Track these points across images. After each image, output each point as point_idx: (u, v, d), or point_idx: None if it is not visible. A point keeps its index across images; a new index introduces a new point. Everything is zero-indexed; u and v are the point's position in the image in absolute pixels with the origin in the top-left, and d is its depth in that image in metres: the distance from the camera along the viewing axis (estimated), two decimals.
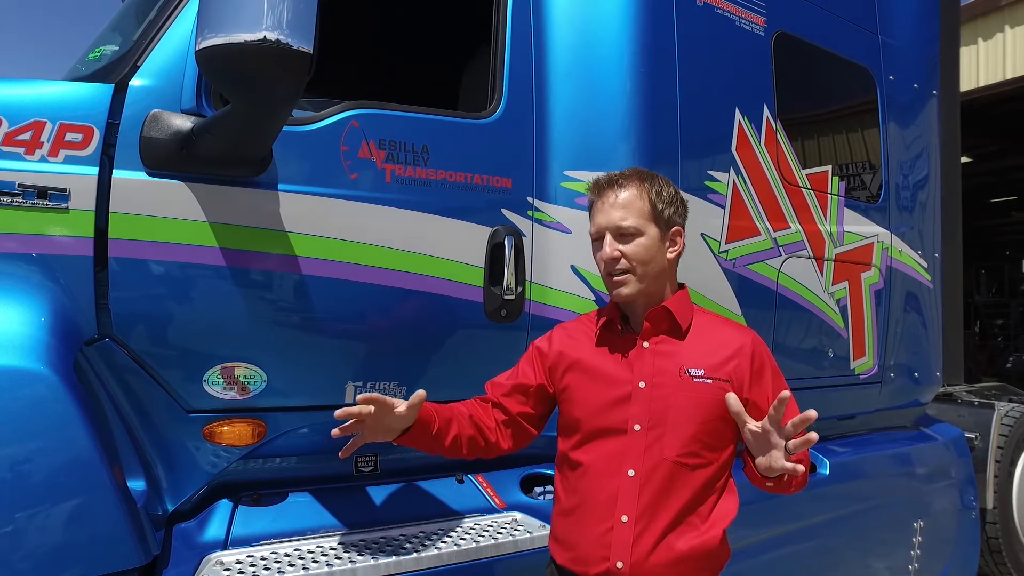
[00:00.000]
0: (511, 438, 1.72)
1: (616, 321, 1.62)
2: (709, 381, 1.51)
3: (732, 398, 1.41)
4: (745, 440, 1.45)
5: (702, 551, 1.48)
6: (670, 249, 1.58)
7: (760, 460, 1.39)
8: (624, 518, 1.49)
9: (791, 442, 1.33)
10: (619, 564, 1.47)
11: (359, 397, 1.49)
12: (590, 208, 1.64)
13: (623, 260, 1.53)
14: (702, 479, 1.51)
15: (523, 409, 1.70)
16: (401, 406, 1.50)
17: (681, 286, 1.67)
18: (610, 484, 1.52)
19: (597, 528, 1.51)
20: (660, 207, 1.55)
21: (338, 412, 1.47)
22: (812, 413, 1.30)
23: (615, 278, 1.55)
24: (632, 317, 1.61)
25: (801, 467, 1.34)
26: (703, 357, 1.54)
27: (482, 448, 1.69)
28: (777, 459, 1.35)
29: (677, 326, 1.57)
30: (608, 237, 1.55)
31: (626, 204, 1.54)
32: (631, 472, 1.50)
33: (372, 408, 1.46)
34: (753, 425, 1.38)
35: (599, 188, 1.59)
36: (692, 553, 1.47)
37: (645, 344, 1.57)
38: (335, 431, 1.54)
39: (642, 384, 1.54)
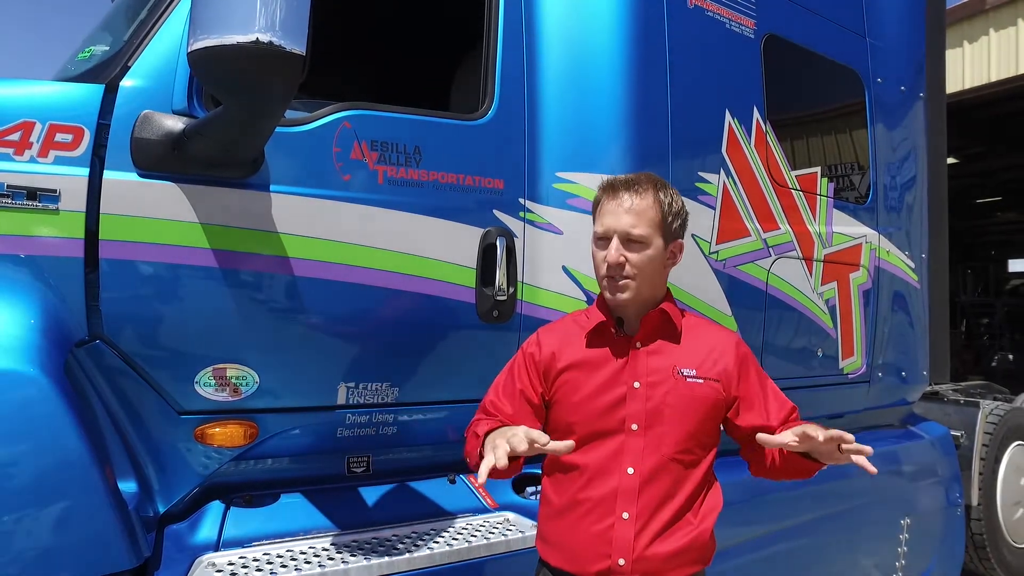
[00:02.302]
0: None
1: (610, 324, 1.61)
2: (700, 381, 1.55)
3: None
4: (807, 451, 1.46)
5: (696, 543, 1.53)
6: (669, 261, 1.61)
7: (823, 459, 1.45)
8: (625, 515, 1.50)
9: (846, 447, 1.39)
10: (621, 561, 1.48)
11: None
12: (597, 206, 1.61)
13: (627, 267, 1.53)
14: (695, 475, 1.55)
15: (534, 425, 1.55)
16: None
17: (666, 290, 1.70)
18: (609, 483, 1.52)
19: (596, 527, 1.51)
20: (669, 219, 1.56)
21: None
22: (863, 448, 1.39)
23: (617, 282, 1.55)
24: (626, 320, 1.61)
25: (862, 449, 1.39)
26: (694, 358, 1.58)
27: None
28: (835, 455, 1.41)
29: (673, 328, 1.60)
30: (615, 241, 1.53)
31: (639, 212, 1.53)
32: (630, 470, 1.52)
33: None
34: (792, 441, 1.40)
35: (613, 189, 1.57)
36: (688, 546, 1.51)
37: (639, 345, 1.59)
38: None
39: (637, 384, 1.55)
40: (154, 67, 1.78)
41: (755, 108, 2.75)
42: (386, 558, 1.81)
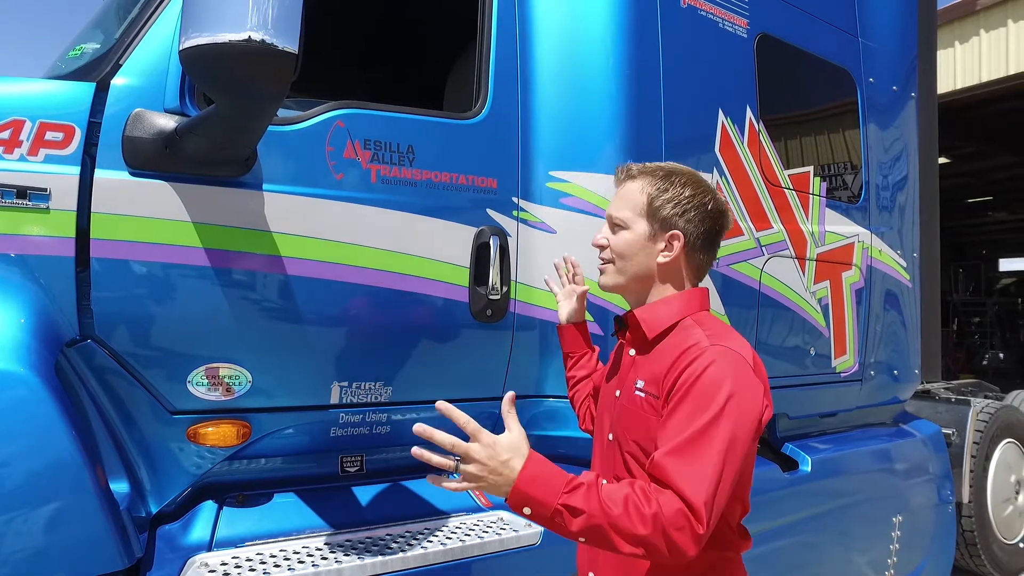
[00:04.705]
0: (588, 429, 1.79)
1: (616, 324, 1.56)
2: (643, 395, 1.37)
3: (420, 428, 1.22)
4: None
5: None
6: (663, 252, 1.42)
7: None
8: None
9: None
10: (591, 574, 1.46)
11: (569, 257, 1.93)
12: None
13: (608, 250, 1.48)
14: None
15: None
16: (581, 289, 1.89)
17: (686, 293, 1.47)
18: None
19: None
20: (657, 204, 1.42)
21: (565, 256, 1.95)
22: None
23: (600, 266, 1.50)
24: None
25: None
26: (651, 370, 1.38)
27: (580, 420, 1.84)
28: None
29: (643, 335, 1.42)
30: (604, 224, 1.51)
31: (624, 195, 1.47)
32: (604, 482, 1.47)
33: (573, 272, 1.91)
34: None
35: (618, 176, 1.52)
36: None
37: (631, 351, 1.49)
38: (556, 261, 1.97)
39: (618, 393, 1.48)
40: (146, 65, 1.77)
41: (748, 107, 2.76)
42: (380, 557, 1.81)
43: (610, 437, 1.47)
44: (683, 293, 1.44)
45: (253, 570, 1.71)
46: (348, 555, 1.81)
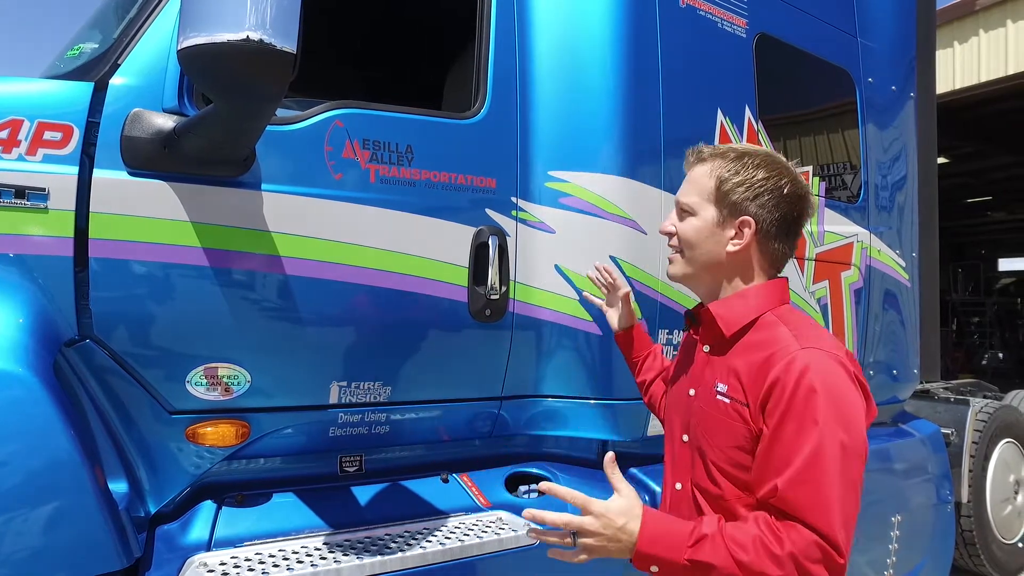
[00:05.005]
0: None
1: (687, 315, 1.50)
2: (727, 401, 1.28)
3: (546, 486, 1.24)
4: None
5: None
6: (733, 240, 1.32)
7: None
8: None
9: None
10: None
11: (601, 265, 1.97)
12: None
13: (675, 237, 1.40)
14: (726, 513, 1.26)
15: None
16: (624, 291, 1.93)
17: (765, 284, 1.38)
18: (667, 494, 1.48)
19: None
20: (726, 189, 1.32)
21: (597, 264, 1.99)
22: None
23: (668, 255, 1.43)
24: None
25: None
26: (734, 372, 1.29)
27: (659, 417, 1.82)
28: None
29: (718, 332, 1.34)
30: (673, 211, 1.43)
31: (693, 179, 1.38)
32: (678, 486, 1.42)
33: (612, 279, 1.96)
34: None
35: (688, 161, 1.44)
36: None
37: (705, 348, 1.40)
38: (590, 273, 2.02)
39: (692, 392, 1.41)
40: (144, 65, 1.77)
41: (747, 107, 2.76)
42: (379, 557, 1.81)
43: (684, 439, 1.41)
44: (760, 286, 1.34)
45: (252, 570, 1.71)
46: (347, 555, 1.81)
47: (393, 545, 1.89)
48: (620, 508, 1.14)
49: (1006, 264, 18.48)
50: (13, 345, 1.49)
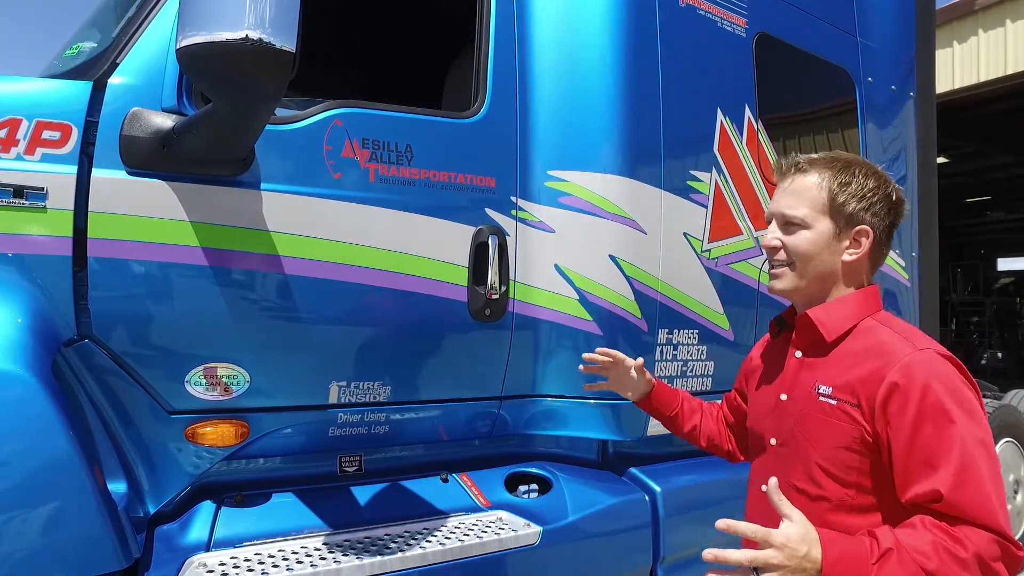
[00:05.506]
0: (744, 449, 1.69)
1: (773, 325, 1.52)
2: (833, 402, 1.29)
3: (725, 524, 1.13)
4: None
5: None
6: (849, 250, 1.34)
7: None
8: None
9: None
10: None
11: (598, 349, 1.73)
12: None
13: (782, 251, 1.37)
14: (826, 520, 1.25)
15: (743, 418, 1.64)
16: (630, 363, 1.72)
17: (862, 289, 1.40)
18: (756, 499, 1.46)
19: (748, 543, 1.48)
20: (841, 200, 1.33)
21: (586, 355, 1.74)
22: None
23: (773, 269, 1.40)
24: (792, 320, 1.45)
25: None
26: (839, 373, 1.30)
27: (723, 453, 1.75)
28: None
29: (820, 336, 1.35)
30: (773, 224, 1.39)
31: (799, 191, 1.36)
32: (764, 488, 1.38)
33: (610, 359, 1.71)
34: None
35: (781, 171, 1.43)
36: None
37: (797, 353, 1.41)
38: (581, 367, 1.78)
39: (783, 396, 1.41)
40: (143, 64, 1.77)
41: (747, 107, 2.76)
42: (378, 557, 1.81)
43: (773, 442, 1.41)
44: (860, 292, 1.37)
45: (251, 570, 1.71)
46: (346, 555, 1.81)
47: (393, 545, 1.89)
48: (800, 535, 1.10)
49: (1005, 264, 18.50)
50: (12, 345, 1.49)
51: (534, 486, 2.33)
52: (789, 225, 1.37)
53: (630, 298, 2.35)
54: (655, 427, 2.50)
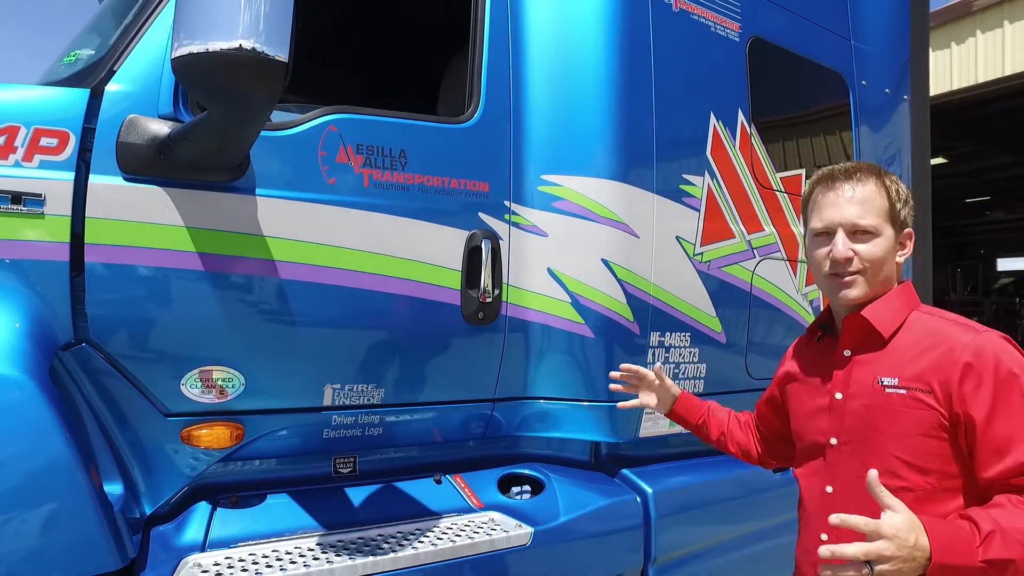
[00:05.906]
0: (774, 456, 1.75)
1: (814, 329, 1.55)
2: (903, 391, 1.32)
3: (838, 518, 1.12)
4: None
5: None
6: (900, 253, 1.43)
7: None
8: (824, 536, 1.40)
9: None
10: None
11: (622, 366, 1.84)
12: (810, 200, 1.49)
13: (856, 261, 1.39)
14: (907, 505, 1.20)
15: (776, 426, 1.69)
16: (652, 377, 1.82)
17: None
18: (812, 500, 1.49)
19: (805, 544, 1.50)
20: (898, 207, 1.41)
21: (612, 374, 1.86)
22: None
23: (843, 279, 1.41)
24: (836, 321, 1.49)
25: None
26: (902, 364, 1.34)
27: (753, 459, 1.80)
28: None
29: (875, 332, 1.40)
30: (841, 235, 1.39)
31: (864, 200, 1.39)
32: (828, 489, 1.44)
33: (634, 374, 1.82)
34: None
35: (831, 179, 1.44)
36: None
37: (846, 352, 1.44)
38: (612, 386, 1.88)
39: (839, 395, 1.43)
40: (140, 71, 1.79)
41: (740, 110, 2.77)
42: (371, 558, 1.83)
43: (833, 442, 1.43)
44: (899, 289, 1.44)
45: (246, 570, 1.73)
46: (340, 555, 1.83)
47: (386, 546, 1.91)
48: (906, 524, 1.11)
49: (1005, 264, 18.49)
50: (10, 349, 1.51)
51: (527, 487, 2.36)
52: (858, 234, 1.40)
53: (622, 301, 2.37)
54: (647, 429, 2.53)
